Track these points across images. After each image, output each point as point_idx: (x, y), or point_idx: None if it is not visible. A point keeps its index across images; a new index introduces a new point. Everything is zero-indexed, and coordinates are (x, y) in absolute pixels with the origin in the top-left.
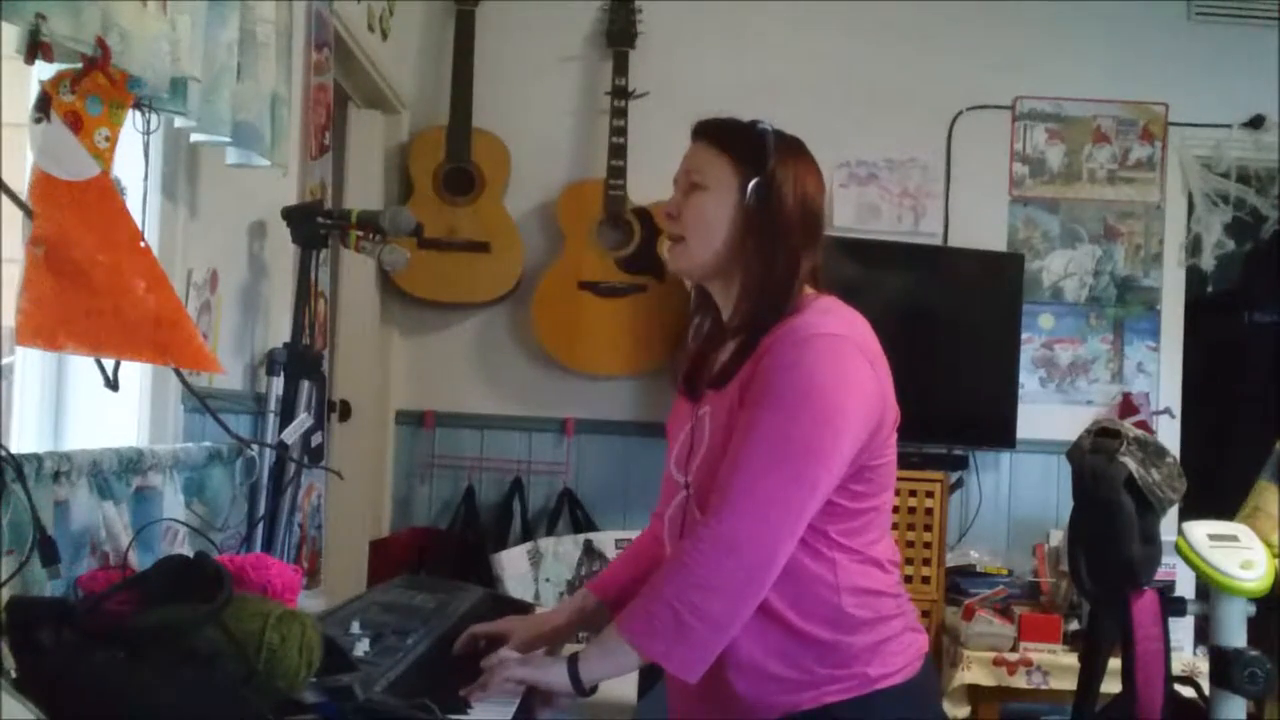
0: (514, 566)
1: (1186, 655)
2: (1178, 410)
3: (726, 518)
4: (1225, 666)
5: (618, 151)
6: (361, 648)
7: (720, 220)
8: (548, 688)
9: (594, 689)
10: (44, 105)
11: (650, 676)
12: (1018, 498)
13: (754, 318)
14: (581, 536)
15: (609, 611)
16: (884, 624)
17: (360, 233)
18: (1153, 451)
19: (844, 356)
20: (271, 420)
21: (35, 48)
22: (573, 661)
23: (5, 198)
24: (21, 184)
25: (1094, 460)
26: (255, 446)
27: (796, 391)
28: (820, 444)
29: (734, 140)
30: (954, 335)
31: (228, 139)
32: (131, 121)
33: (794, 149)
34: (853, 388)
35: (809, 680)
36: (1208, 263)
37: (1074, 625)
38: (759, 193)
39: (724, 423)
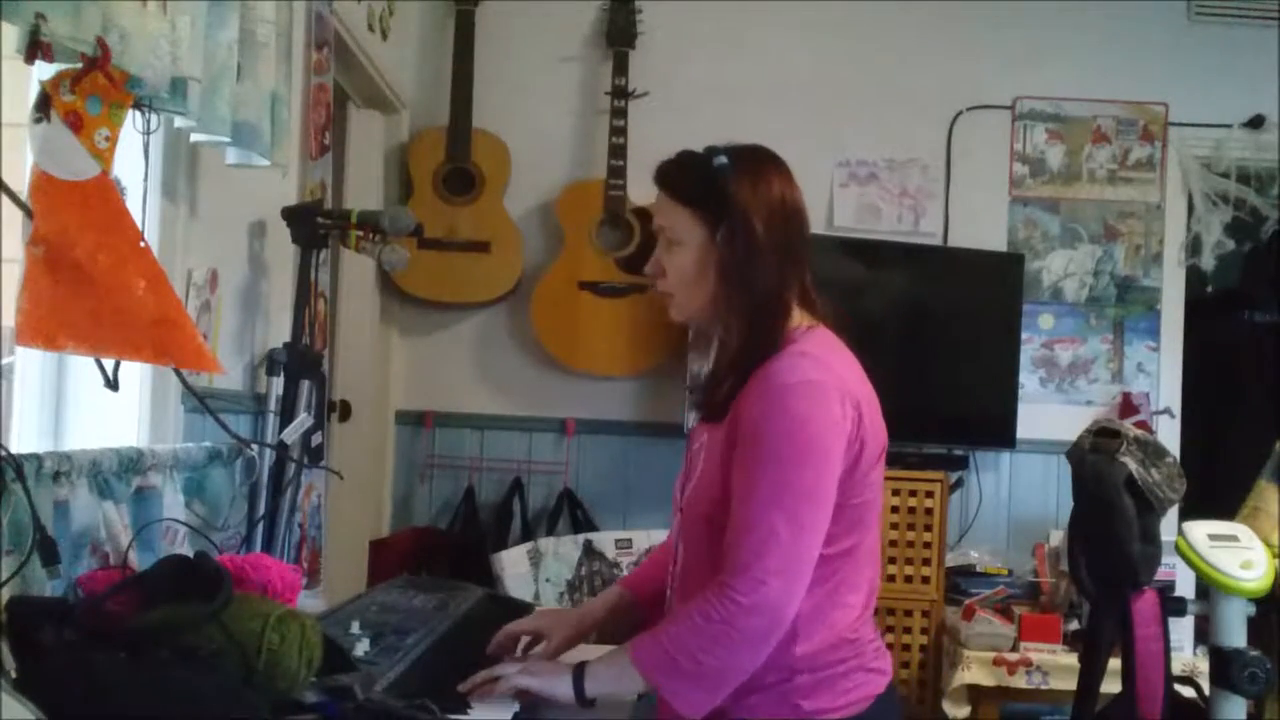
0: (514, 566)
1: (1186, 655)
2: (1178, 410)
3: (750, 579)
4: (1225, 666)
5: (617, 151)
6: (361, 648)
7: (701, 273)
8: (551, 697)
9: (594, 700)
10: (44, 105)
11: None
12: (1018, 498)
13: (747, 354)
14: (581, 536)
15: (644, 609)
16: (833, 665)
17: (360, 233)
18: (1153, 451)
19: (825, 401)
20: (271, 420)
21: (35, 48)
22: (578, 673)
23: (5, 198)
24: (21, 184)
25: (1094, 460)
26: (255, 446)
27: (788, 440)
28: (818, 487)
29: (691, 190)
30: (954, 335)
31: (228, 139)
32: (131, 121)
33: (752, 170)
34: (833, 431)
35: (744, 701)
36: (1208, 263)
37: (1074, 625)
38: (729, 240)
39: (715, 459)
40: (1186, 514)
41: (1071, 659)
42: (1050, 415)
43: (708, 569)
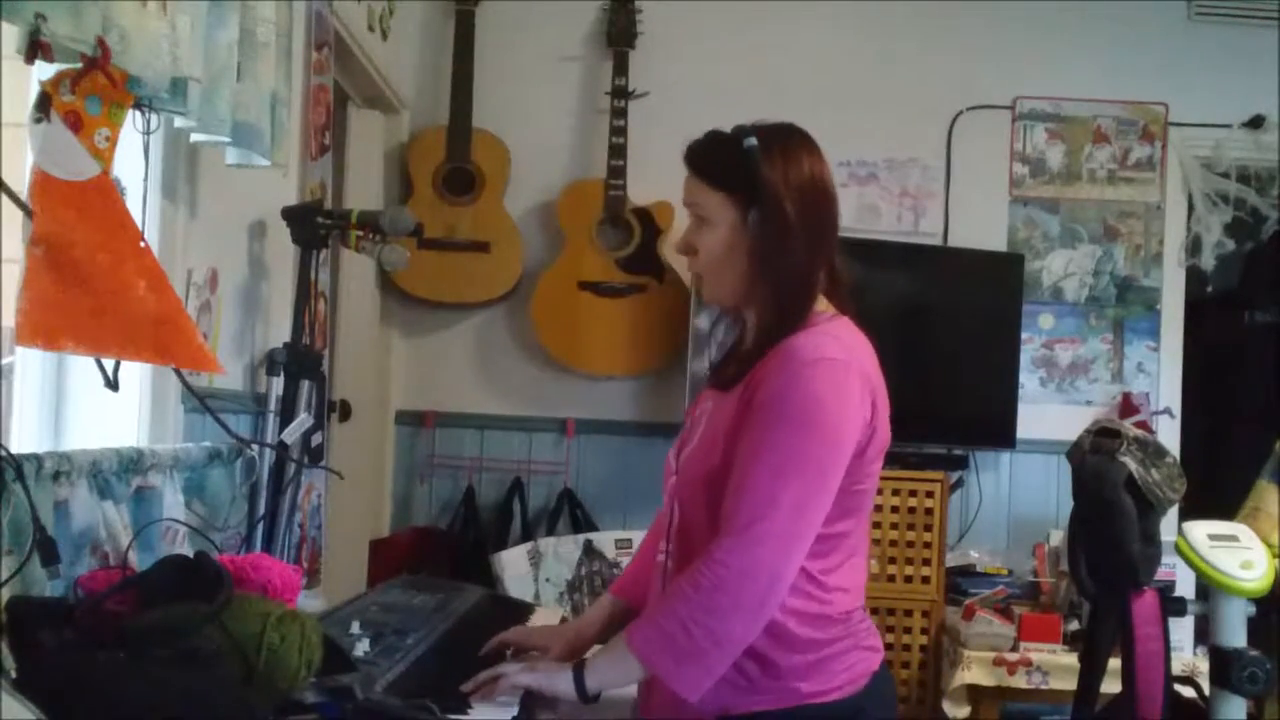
0: (514, 566)
1: (1186, 655)
2: (1178, 410)
3: (743, 543)
4: (1225, 666)
5: (618, 151)
6: (361, 648)
7: (730, 254)
8: (553, 694)
9: (598, 696)
10: (44, 105)
11: None
12: (1018, 498)
13: (772, 331)
14: (581, 536)
15: (638, 614)
16: (826, 646)
17: (360, 233)
18: (1153, 451)
19: (846, 382)
20: (271, 420)
21: (35, 48)
22: (578, 669)
23: (5, 198)
24: (21, 184)
25: (1094, 460)
26: (255, 446)
27: (803, 413)
28: (826, 464)
29: (722, 172)
30: (954, 335)
31: (228, 139)
32: (131, 121)
33: (783, 151)
34: (850, 412)
35: (744, 686)
36: (1208, 263)
37: (1074, 625)
38: (760, 224)
39: (721, 425)
40: (1186, 514)
41: (1071, 659)
42: (1050, 415)
43: (707, 528)
